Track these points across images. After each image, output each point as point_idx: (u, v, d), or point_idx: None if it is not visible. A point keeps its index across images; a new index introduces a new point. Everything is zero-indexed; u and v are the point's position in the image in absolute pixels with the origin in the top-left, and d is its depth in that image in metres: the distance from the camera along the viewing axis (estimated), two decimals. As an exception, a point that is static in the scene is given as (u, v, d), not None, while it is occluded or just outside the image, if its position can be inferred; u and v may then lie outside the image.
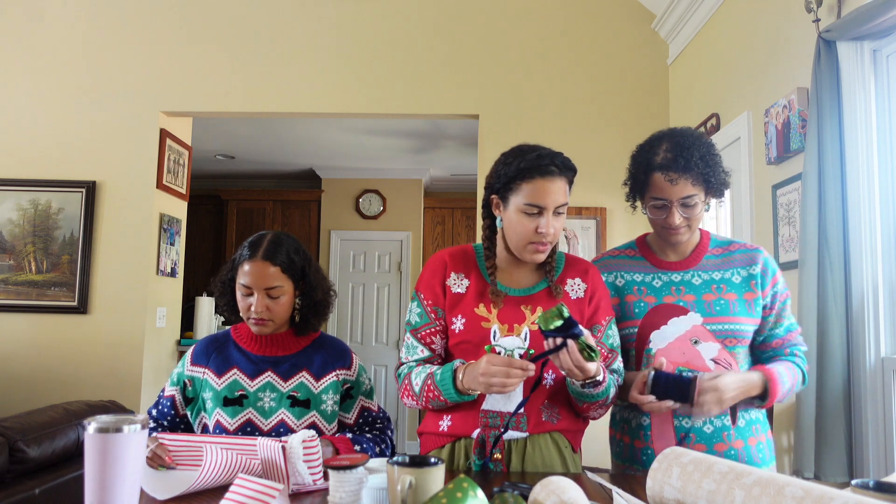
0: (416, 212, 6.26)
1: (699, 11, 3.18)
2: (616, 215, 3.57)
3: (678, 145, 1.51)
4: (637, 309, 1.59)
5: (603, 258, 1.70)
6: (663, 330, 1.55)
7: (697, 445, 1.50)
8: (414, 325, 1.58)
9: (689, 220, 1.53)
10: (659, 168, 1.52)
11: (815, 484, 0.94)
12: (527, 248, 1.50)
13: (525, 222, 1.47)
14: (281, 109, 3.67)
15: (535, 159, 1.46)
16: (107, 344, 3.54)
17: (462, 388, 1.42)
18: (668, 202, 1.52)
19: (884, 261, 1.98)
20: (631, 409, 1.61)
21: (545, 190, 1.45)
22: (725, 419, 1.52)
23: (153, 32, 3.71)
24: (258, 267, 1.62)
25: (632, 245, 1.71)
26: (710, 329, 1.53)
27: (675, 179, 1.49)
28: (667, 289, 1.59)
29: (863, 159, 2.00)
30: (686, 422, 1.52)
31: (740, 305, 1.55)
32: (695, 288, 1.58)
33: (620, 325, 1.59)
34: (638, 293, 1.60)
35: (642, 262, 1.65)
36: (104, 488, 0.98)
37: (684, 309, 1.55)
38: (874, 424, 1.92)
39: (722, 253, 1.62)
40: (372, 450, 1.64)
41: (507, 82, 3.64)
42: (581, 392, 1.43)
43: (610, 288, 1.62)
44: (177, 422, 1.69)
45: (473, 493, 0.95)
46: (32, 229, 3.62)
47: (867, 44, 2.03)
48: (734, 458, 1.51)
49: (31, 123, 3.67)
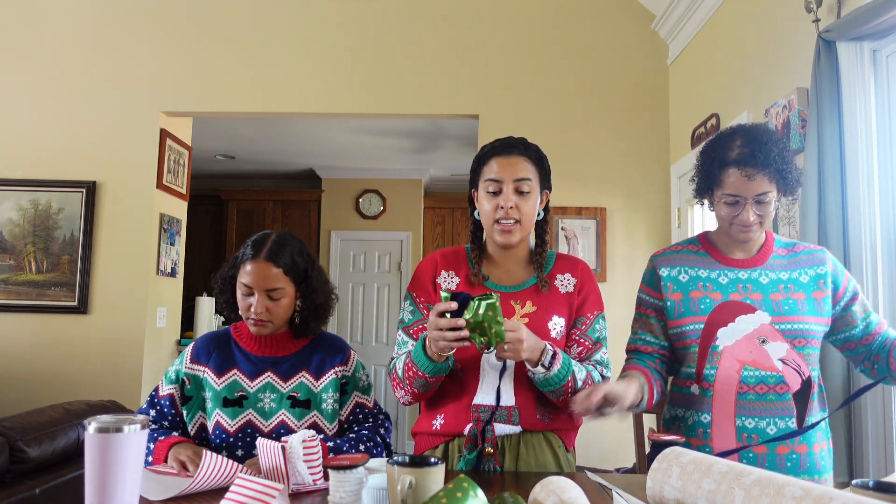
0: (416, 212, 6.26)
1: (699, 12, 3.18)
2: (616, 215, 3.57)
3: (755, 140, 1.47)
4: (703, 305, 1.55)
5: (665, 253, 1.67)
6: (731, 327, 1.52)
7: (759, 447, 1.47)
8: (406, 323, 1.59)
9: (761, 217, 1.50)
10: (735, 163, 1.47)
11: (814, 484, 0.94)
12: (494, 229, 1.55)
13: (489, 201, 1.54)
14: (281, 109, 3.67)
15: (491, 143, 1.58)
16: (107, 344, 3.54)
17: (431, 353, 1.42)
18: (742, 199, 1.48)
19: (884, 261, 1.98)
20: (686, 408, 1.58)
21: (501, 165, 1.53)
22: (791, 422, 1.48)
23: (153, 32, 3.71)
24: (260, 267, 1.60)
25: (694, 241, 1.67)
26: (779, 328, 1.50)
27: (753, 175, 1.45)
28: (733, 286, 1.55)
29: (863, 159, 2.00)
30: (749, 422, 1.49)
31: (809, 305, 1.52)
32: (762, 287, 1.54)
33: (683, 320, 1.56)
34: (703, 289, 1.57)
35: (707, 258, 1.61)
36: (104, 488, 0.98)
37: (752, 307, 1.52)
38: (874, 424, 1.92)
39: (788, 254, 1.59)
40: (354, 447, 1.59)
41: (507, 82, 3.64)
42: (539, 380, 1.44)
43: (672, 283, 1.60)
44: (177, 421, 1.66)
45: (474, 493, 0.95)
46: (32, 229, 3.62)
47: (867, 44, 2.03)
48: (796, 463, 1.47)
49: (31, 123, 3.67)
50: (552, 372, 1.42)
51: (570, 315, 1.57)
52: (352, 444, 1.59)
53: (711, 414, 1.52)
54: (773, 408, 1.49)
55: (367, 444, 1.62)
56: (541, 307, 1.55)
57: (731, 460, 1.24)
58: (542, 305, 1.55)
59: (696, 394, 1.56)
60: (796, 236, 2.24)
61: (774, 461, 1.47)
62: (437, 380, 1.47)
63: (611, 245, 3.55)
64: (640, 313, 1.68)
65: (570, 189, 3.55)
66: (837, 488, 0.96)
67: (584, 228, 3.54)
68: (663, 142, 3.60)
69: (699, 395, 1.55)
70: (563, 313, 1.56)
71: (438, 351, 1.38)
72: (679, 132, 3.46)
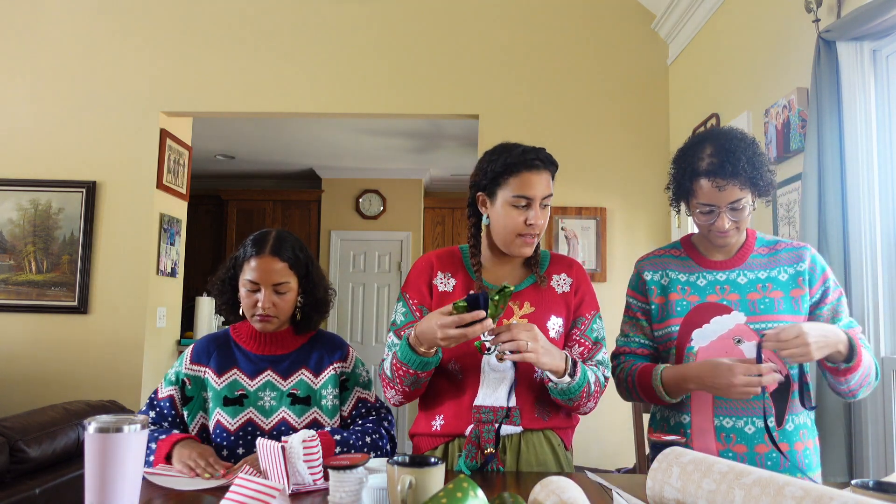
0: (416, 212, 6.26)
1: (699, 12, 3.18)
2: (616, 215, 3.57)
3: (723, 149, 1.48)
4: (679, 307, 1.57)
5: (649, 257, 1.69)
6: (705, 328, 1.54)
7: (738, 447, 1.48)
8: (398, 325, 1.59)
9: (737, 223, 1.51)
10: (705, 174, 1.48)
11: (814, 484, 0.94)
12: (515, 242, 1.53)
13: (514, 215, 1.50)
14: (281, 109, 3.67)
15: (520, 154, 1.52)
16: (107, 344, 3.54)
17: (419, 348, 1.41)
18: (716, 207, 1.49)
19: (884, 261, 1.98)
20: (670, 408, 1.59)
21: (532, 182, 1.50)
22: (770, 420, 1.48)
23: (153, 32, 3.71)
24: (266, 262, 1.62)
25: (677, 245, 1.70)
26: (754, 328, 1.51)
27: (723, 186, 1.46)
28: (711, 288, 1.57)
29: (863, 159, 2.00)
30: (727, 421, 1.50)
31: (786, 304, 1.53)
32: (740, 287, 1.56)
33: (664, 323, 1.59)
34: (681, 292, 1.59)
35: (688, 261, 1.63)
36: (104, 488, 0.98)
37: (727, 308, 1.54)
38: (874, 424, 1.92)
39: (768, 252, 1.60)
40: (360, 439, 1.59)
41: (507, 82, 3.64)
42: (562, 389, 1.43)
43: (656, 286, 1.62)
44: (177, 422, 1.67)
45: (474, 493, 0.95)
46: (32, 229, 3.62)
47: (867, 44, 2.03)
48: (776, 461, 1.48)
49: (32, 123, 3.67)
50: (576, 380, 1.42)
51: (567, 315, 1.58)
52: (359, 437, 1.60)
53: (690, 414, 1.54)
54: (750, 407, 1.49)
55: (374, 437, 1.62)
56: (539, 307, 1.55)
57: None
58: (540, 306, 1.55)
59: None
60: (796, 236, 2.24)
61: (754, 460, 1.48)
62: (427, 374, 1.47)
63: (611, 245, 3.55)
64: (629, 316, 1.69)
65: (570, 189, 3.55)
66: (837, 488, 0.96)
67: (584, 228, 3.54)
68: (663, 142, 3.60)
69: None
70: (560, 313, 1.56)
71: (444, 345, 1.37)
72: (679, 132, 3.46)
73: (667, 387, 1.51)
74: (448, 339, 1.33)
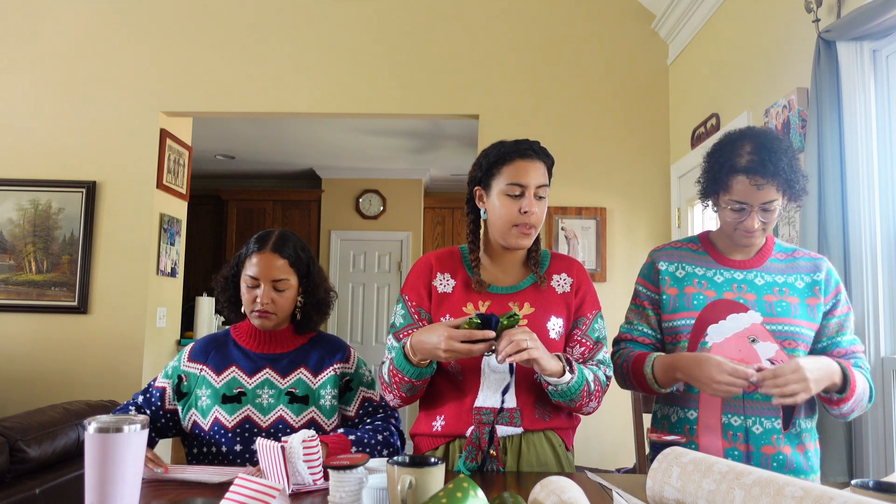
0: (416, 212, 6.26)
1: (699, 12, 3.18)
2: (616, 215, 3.57)
3: (763, 148, 1.47)
4: (696, 301, 1.57)
5: (665, 248, 1.69)
6: (721, 325, 1.53)
7: (743, 446, 1.48)
8: (398, 327, 1.59)
9: (765, 224, 1.51)
10: (744, 171, 1.47)
11: (814, 484, 0.94)
12: (511, 232, 1.52)
13: (508, 204, 1.51)
14: (281, 109, 3.67)
15: (513, 144, 1.54)
16: (107, 344, 3.54)
17: (413, 358, 1.43)
18: (748, 206, 1.48)
19: (884, 261, 1.98)
20: (672, 405, 1.59)
21: (525, 169, 1.51)
22: (777, 422, 1.49)
23: (153, 32, 3.70)
24: (267, 258, 1.65)
25: (694, 240, 1.69)
26: (770, 329, 1.51)
27: (762, 185, 1.46)
28: (728, 285, 1.57)
29: (863, 159, 2.00)
30: (735, 420, 1.50)
31: (802, 309, 1.53)
32: (757, 288, 1.56)
33: (676, 315, 1.58)
34: (698, 286, 1.58)
35: (705, 256, 1.63)
36: (104, 488, 0.98)
37: (744, 307, 1.53)
38: (874, 424, 1.92)
39: (786, 258, 1.60)
40: (373, 437, 1.61)
41: (507, 82, 3.64)
42: (560, 392, 1.43)
43: (670, 277, 1.62)
44: (159, 415, 1.68)
45: (474, 493, 0.95)
46: (32, 229, 3.62)
47: (867, 44, 2.03)
48: (782, 463, 1.48)
49: (32, 123, 3.67)
50: (574, 378, 1.42)
51: (568, 315, 1.57)
52: (372, 435, 1.62)
53: (698, 410, 1.53)
54: (759, 407, 1.50)
55: (385, 434, 1.64)
56: (539, 308, 1.54)
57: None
58: (540, 306, 1.55)
59: (682, 391, 1.57)
60: (796, 236, 2.24)
61: (759, 460, 1.48)
62: (423, 383, 1.49)
63: (611, 245, 3.55)
64: (637, 304, 1.69)
65: (570, 189, 3.55)
66: (837, 488, 0.96)
67: (584, 228, 3.54)
68: (663, 142, 3.60)
69: (685, 391, 1.57)
70: (561, 314, 1.56)
71: (444, 357, 1.38)
72: (679, 132, 3.46)
73: (657, 374, 1.52)
74: (452, 351, 1.34)
